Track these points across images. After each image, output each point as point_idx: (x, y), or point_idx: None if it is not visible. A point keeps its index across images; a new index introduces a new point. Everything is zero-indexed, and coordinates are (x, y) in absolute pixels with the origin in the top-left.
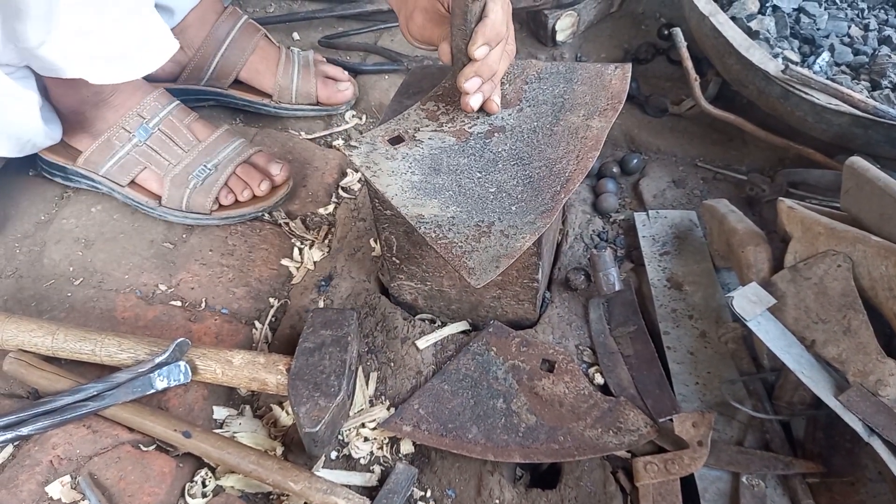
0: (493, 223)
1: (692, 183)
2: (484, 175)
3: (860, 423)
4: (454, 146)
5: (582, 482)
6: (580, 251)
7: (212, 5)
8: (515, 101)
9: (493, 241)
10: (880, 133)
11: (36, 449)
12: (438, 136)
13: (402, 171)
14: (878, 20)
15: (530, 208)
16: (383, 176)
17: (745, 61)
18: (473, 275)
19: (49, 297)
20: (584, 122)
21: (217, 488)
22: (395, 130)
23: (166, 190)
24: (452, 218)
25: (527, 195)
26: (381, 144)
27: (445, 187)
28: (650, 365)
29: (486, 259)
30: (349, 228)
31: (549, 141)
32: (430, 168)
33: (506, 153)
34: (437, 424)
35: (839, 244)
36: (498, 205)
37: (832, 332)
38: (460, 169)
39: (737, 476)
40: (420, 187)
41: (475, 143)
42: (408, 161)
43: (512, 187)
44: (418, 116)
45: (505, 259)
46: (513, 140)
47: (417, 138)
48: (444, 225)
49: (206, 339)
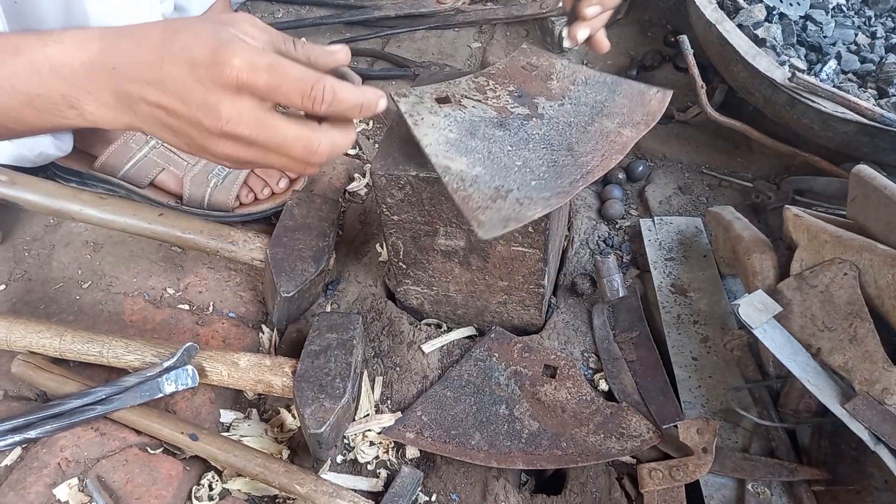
0: (511, 190)
1: (698, 190)
2: (514, 150)
3: (866, 431)
4: (493, 119)
5: (587, 488)
6: (586, 257)
7: (221, 9)
8: (559, 96)
9: (507, 206)
10: (887, 141)
11: (44, 451)
12: (482, 106)
13: (441, 126)
14: (885, 28)
15: (548, 187)
16: (423, 126)
17: (752, 69)
18: (482, 227)
19: (58, 300)
20: (616, 129)
21: (224, 491)
22: (444, 91)
23: (187, 189)
24: (476, 177)
25: (548, 176)
26: (427, 99)
27: (477, 150)
28: (654, 371)
29: (496, 218)
30: (356, 233)
31: (580, 137)
32: (467, 130)
33: (538, 136)
34: (441, 431)
35: (845, 252)
36: (520, 177)
37: (838, 341)
38: (494, 139)
39: (742, 483)
40: (454, 144)
41: (513, 122)
42: (448, 119)
43: (536, 166)
44: (468, 86)
45: (513, 222)
46: (548, 127)
47: (462, 103)
48: (466, 180)
49: (214, 342)
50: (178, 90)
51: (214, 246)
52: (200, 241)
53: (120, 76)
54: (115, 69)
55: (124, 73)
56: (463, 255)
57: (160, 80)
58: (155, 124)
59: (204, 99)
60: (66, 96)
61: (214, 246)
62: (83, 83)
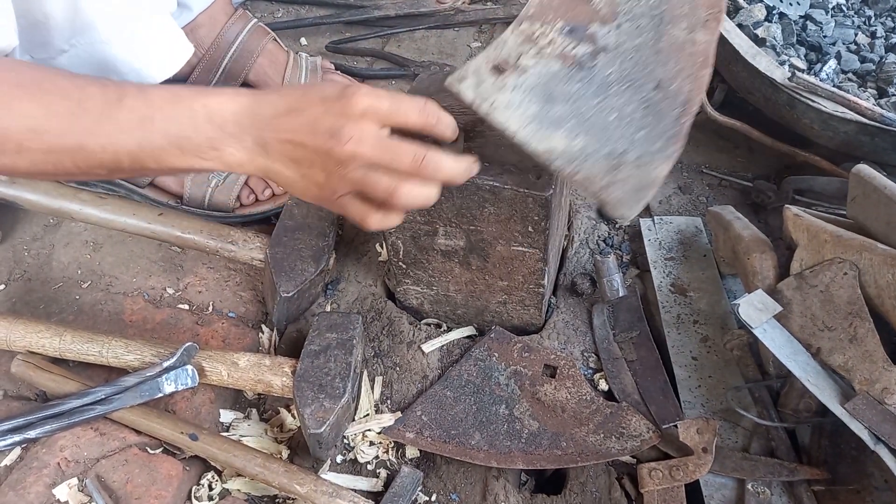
0: (624, 153)
1: (698, 189)
2: (600, 101)
3: (866, 431)
4: (561, 72)
5: (587, 488)
6: (586, 257)
7: (223, 7)
8: (611, 16)
9: (629, 173)
10: (887, 141)
11: (44, 451)
12: (542, 62)
13: (516, 103)
14: (885, 28)
15: (656, 134)
16: (501, 110)
17: (752, 68)
18: (620, 208)
19: (57, 300)
20: (688, 37)
21: (223, 491)
22: (497, 58)
23: (187, 189)
24: (582, 149)
25: (648, 120)
26: (486, 76)
27: (565, 118)
28: (654, 371)
29: (628, 192)
30: (356, 233)
31: (656, 59)
32: (543, 97)
33: (615, 76)
34: (440, 431)
35: (845, 252)
36: (622, 133)
37: (838, 340)
38: (574, 97)
39: (742, 483)
40: (540, 118)
41: (582, 68)
42: (519, 92)
43: (631, 113)
44: (516, 41)
45: (647, 190)
46: (619, 61)
47: (521, 66)
48: (576, 158)
49: (214, 342)
50: (309, 123)
51: (214, 246)
52: (200, 240)
53: (263, 123)
54: (259, 116)
55: (267, 121)
56: (463, 254)
57: (297, 119)
58: (285, 160)
59: (331, 125)
60: (212, 140)
61: (214, 246)
62: (231, 128)
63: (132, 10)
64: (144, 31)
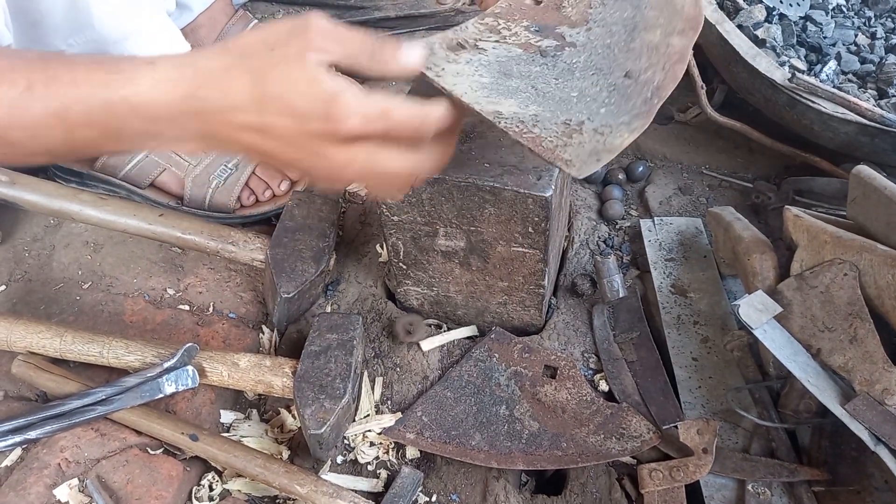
0: (583, 122)
1: (698, 190)
2: (561, 81)
3: (866, 431)
4: (522, 56)
5: (587, 489)
6: (586, 257)
7: (222, 7)
8: (582, 22)
9: (587, 138)
10: (887, 142)
11: (44, 452)
12: (503, 46)
13: (467, 73)
14: (885, 28)
15: (622, 111)
16: (447, 76)
17: (752, 69)
18: (572, 166)
19: (58, 301)
20: (663, 40)
21: (224, 492)
22: (454, 39)
23: (188, 190)
24: (535, 116)
25: (614, 100)
26: (440, 49)
27: (520, 90)
28: (655, 372)
29: (583, 153)
30: (356, 233)
31: (627, 56)
32: (499, 72)
33: (581, 64)
34: (441, 431)
35: (845, 253)
36: (584, 107)
37: (838, 341)
38: (533, 75)
39: (742, 483)
40: (492, 88)
41: (545, 55)
42: (473, 65)
43: (596, 93)
44: (477, 29)
45: (605, 154)
46: (587, 54)
47: (480, 47)
48: (527, 121)
49: (214, 342)
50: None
51: (215, 246)
52: (200, 241)
53: (209, 120)
54: (201, 114)
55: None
56: (463, 255)
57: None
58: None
59: (316, 150)
60: (147, 131)
61: (215, 246)
62: (165, 123)
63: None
64: (142, 31)
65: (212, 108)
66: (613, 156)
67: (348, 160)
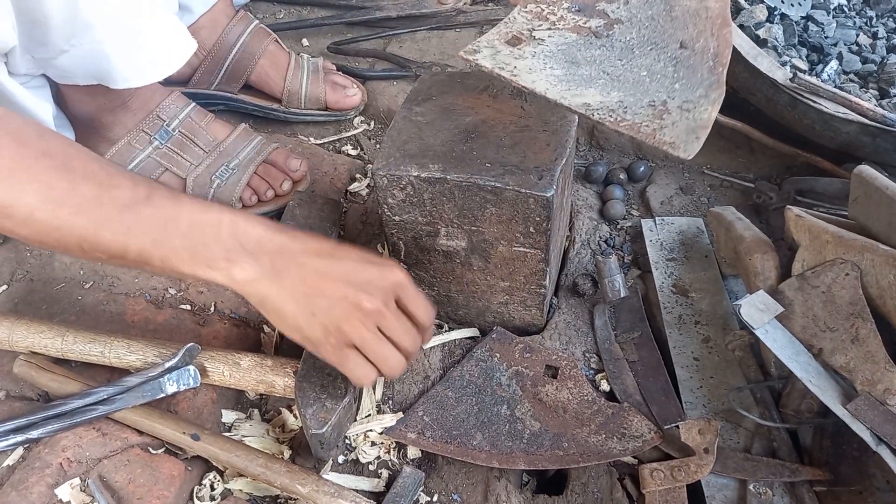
0: (666, 101)
1: (699, 190)
2: (626, 62)
3: (868, 431)
4: (578, 41)
5: (588, 489)
6: (587, 257)
7: (224, 9)
8: None
9: (677, 117)
10: (888, 142)
11: (46, 451)
12: (557, 33)
13: (538, 67)
14: (886, 28)
15: (694, 84)
16: (523, 74)
17: (753, 69)
18: (677, 148)
19: (59, 301)
20: (700, 4)
21: (225, 491)
22: (509, 33)
23: (189, 191)
24: (621, 102)
25: (682, 73)
26: (501, 47)
27: (594, 77)
28: (656, 371)
29: (681, 133)
30: (357, 234)
31: (674, 25)
32: (566, 62)
33: (636, 41)
34: (442, 431)
35: (847, 252)
36: (658, 85)
37: (840, 341)
38: (599, 60)
39: (744, 483)
40: (567, 80)
41: (599, 37)
42: (539, 58)
43: (662, 69)
44: (525, 18)
45: (702, 130)
46: (636, 29)
47: (537, 38)
48: (616, 109)
49: (216, 342)
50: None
51: None
52: None
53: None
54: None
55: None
56: (464, 255)
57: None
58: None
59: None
60: (228, 252)
61: None
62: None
63: (132, 8)
64: (145, 29)
65: (295, 248)
66: (708, 131)
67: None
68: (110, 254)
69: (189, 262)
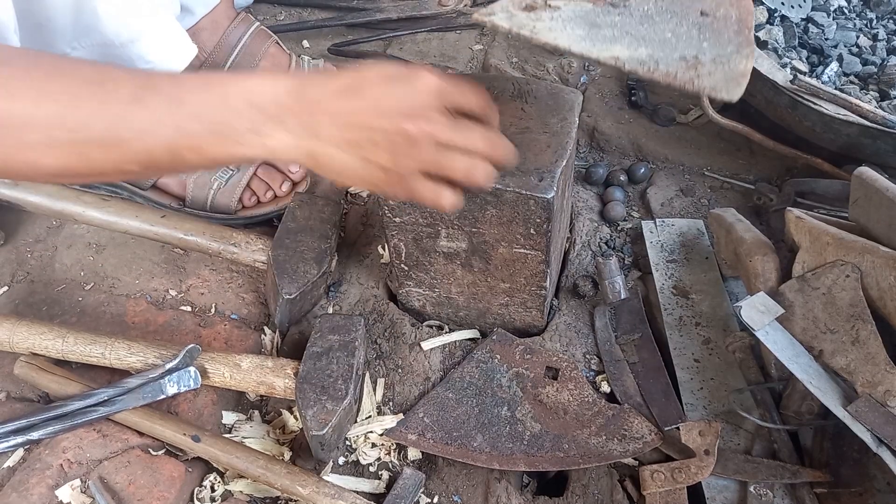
0: (697, 56)
1: (700, 192)
2: (648, 27)
3: (868, 433)
4: (596, 9)
5: (589, 490)
6: (588, 259)
7: (224, 10)
8: None
9: (713, 68)
10: (889, 143)
11: (46, 453)
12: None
13: (559, 28)
14: (886, 30)
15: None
16: (545, 32)
17: (754, 71)
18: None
19: (60, 302)
20: None
21: (226, 493)
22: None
23: (189, 192)
24: (651, 55)
25: (708, 35)
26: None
27: (617, 37)
28: (656, 373)
29: (720, 80)
30: (358, 235)
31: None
32: (586, 24)
33: (654, 10)
34: (442, 433)
35: (847, 254)
36: (687, 44)
37: (840, 343)
38: (619, 24)
39: (744, 485)
40: (590, 38)
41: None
42: (559, 21)
43: (686, 33)
44: None
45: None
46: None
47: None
48: (646, 61)
49: (216, 344)
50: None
51: (216, 248)
52: (202, 242)
53: (311, 105)
54: (306, 97)
55: (317, 103)
56: (465, 256)
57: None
58: (341, 143)
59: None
60: (253, 123)
61: (216, 248)
62: (272, 110)
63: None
64: (148, 32)
65: (314, 96)
66: (748, 78)
67: (430, 117)
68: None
69: (220, 144)
